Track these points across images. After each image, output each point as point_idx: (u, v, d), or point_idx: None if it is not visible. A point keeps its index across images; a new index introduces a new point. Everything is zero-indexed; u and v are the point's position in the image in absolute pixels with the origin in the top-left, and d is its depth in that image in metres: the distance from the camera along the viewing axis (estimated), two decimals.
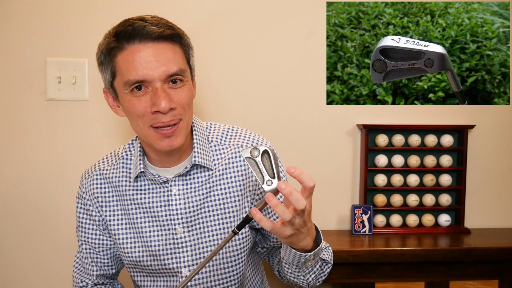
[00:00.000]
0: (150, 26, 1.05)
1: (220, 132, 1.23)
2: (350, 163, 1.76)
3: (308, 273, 1.12)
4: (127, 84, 1.06)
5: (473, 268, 1.62)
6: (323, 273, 1.19)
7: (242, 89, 1.70)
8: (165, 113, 1.06)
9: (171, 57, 1.07)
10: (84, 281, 1.28)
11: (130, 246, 1.21)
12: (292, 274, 1.12)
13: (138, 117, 1.08)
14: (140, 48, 1.05)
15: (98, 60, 1.12)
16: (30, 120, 1.66)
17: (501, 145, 1.80)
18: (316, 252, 1.05)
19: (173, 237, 1.19)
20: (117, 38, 1.07)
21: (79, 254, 1.29)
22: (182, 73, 1.09)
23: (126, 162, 1.23)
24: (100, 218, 1.24)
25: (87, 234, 1.26)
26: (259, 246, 1.28)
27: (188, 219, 1.18)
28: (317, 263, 1.12)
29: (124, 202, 1.22)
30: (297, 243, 1.00)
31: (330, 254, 1.20)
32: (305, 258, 1.05)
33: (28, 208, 1.69)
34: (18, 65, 1.65)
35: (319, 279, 1.18)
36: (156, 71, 1.05)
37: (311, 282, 1.14)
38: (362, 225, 1.70)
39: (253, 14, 1.68)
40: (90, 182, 1.24)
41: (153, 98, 1.06)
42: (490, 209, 1.82)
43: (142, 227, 1.20)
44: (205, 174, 1.19)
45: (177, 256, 1.19)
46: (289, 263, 1.09)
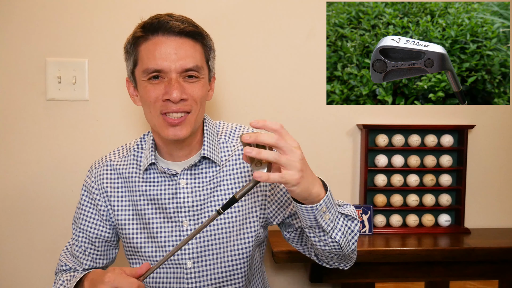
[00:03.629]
0: (175, 21, 1.12)
1: (229, 130, 1.28)
2: (350, 163, 1.76)
3: (333, 230, 1.04)
4: (145, 71, 1.13)
5: (473, 268, 1.62)
6: (352, 231, 1.10)
7: (242, 89, 1.71)
8: (175, 102, 1.12)
9: (190, 53, 1.13)
10: (68, 265, 1.29)
11: (136, 236, 1.24)
12: (320, 241, 1.06)
13: (150, 104, 1.14)
14: (162, 40, 1.12)
15: (125, 48, 1.19)
16: (30, 120, 1.66)
17: (501, 145, 1.80)
18: (326, 200, 1.00)
19: (179, 229, 1.21)
20: (144, 29, 1.14)
21: (71, 241, 1.30)
22: (198, 69, 1.14)
23: (136, 155, 1.27)
24: (106, 208, 1.26)
25: (87, 223, 1.28)
26: (286, 233, 1.24)
27: (195, 212, 1.21)
28: (338, 218, 1.05)
29: (132, 193, 1.25)
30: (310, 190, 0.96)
31: (352, 210, 1.14)
32: (318, 209, 0.99)
33: (28, 207, 1.69)
34: (18, 65, 1.65)
35: (350, 239, 1.09)
36: (173, 63, 1.11)
37: (341, 241, 1.06)
38: (362, 225, 1.70)
39: (253, 14, 1.68)
40: (100, 172, 1.28)
41: (166, 87, 1.12)
42: (490, 209, 1.82)
43: (149, 218, 1.23)
44: (213, 169, 1.22)
45: (182, 248, 1.21)
46: (311, 229, 1.04)
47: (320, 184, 1.00)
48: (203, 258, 1.21)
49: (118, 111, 1.68)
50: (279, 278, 1.77)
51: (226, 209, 0.97)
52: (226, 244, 1.21)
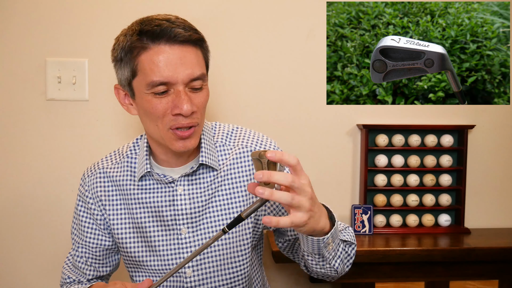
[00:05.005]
0: (177, 29, 1.05)
1: (225, 132, 1.24)
2: (350, 163, 1.76)
3: (333, 259, 1.06)
4: (150, 85, 1.06)
5: (473, 268, 1.62)
6: (349, 256, 1.13)
7: (242, 89, 1.70)
8: (187, 116, 1.07)
9: (195, 61, 1.07)
10: (71, 277, 1.27)
11: (133, 245, 1.21)
12: (317, 265, 1.07)
13: (158, 118, 1.08)
14: (165, 49, 1.05)
15: (116, 55, 1.11)
16: (30, 120, 1.66)
17: (501, 145, 1.80)
18: (333, 233, 1.00)
19: (177, 237, 1.18)
20: (142, 37, 1.06)
21: (72, 252, 1.28)
22: (204, 77, 1.09)
23: (130, 161, 1.23)
24: (102, 217, 1.23)
25: (84, 233, 1.25)
26: (279, 242, 1.26)
27: (193, 219, 1.18)
28: (339, 246, 1.07)
29: (128, 201, 1.21)
30: (316, 227, 0.95)
31: (351, 234, 1.15)
32: (324, 242, 1.00)
33: (28, 208, 1.69)
34: (18, 65, 1.65)
35: (346, 264, 1.13)
36: (180, 74, 1.05)
37: (339, 268, 1.09)
38: (362, 225, 1.70)
39: (253, 14, 1.68)
40: (93, 180, 1.24)
41: (175, 100, 1.06)
42: (490, 209, 1.82)
43: (146, 226, 1.20)
44: (211, 174, 1.19)
45: (181, 256, 1.18)
46: (311, 254, 1.05)
47: (326, 216, 0.98)
48: (203, 266, 1.19)
49: (118, 111, 1.68)
50: (279, 278, 1.77)
51: (231, 228, 0.93)
52: (225, 251, 1.20)
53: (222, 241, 1.19)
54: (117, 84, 1.16)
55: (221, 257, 1.19)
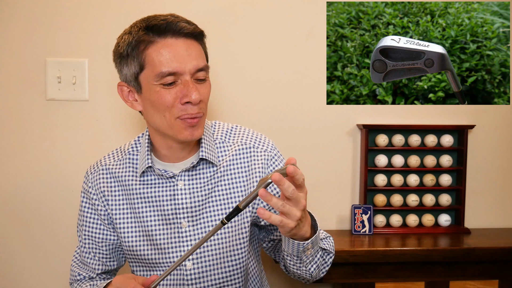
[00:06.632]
0: (182, 23, 1.11)
1: (224, 130, 1.28)
2: (350, 163, 1.76)
3: (309, 263, 1.13)
4: (159, 75, 1.10)
5: (473, 268, 1.62)
6: (326, 263, 1.21)
7: (242, 89, 1.70)
8: (195, 104, 1.11)
9: (198, 53, 1.14)
10: (82, 274, 1.30)
11: (135, 239, 1.24)
12: (295, 265, 1.14)
13: (166, 109, 1.12)
14: (172, 42, 1.11)
15: (122, 52, 1.15)
16: (30, 120, 1.66)
17: (501, 145, 1.80)
18: (314, 240, 1.07)
19: (178, 231, 1.21)
20: (148, 32, 1.11)
21: (79, 249, 1.31)
22: (207, 68, 1.16)
23: (132, 158, 1.27)
24: (106, 212, 1.26)
25: (90, 228, 1.28)
26: (264, 241, 1.31)
27: (193, 213, 1.21)
28: (317, 252, 1.14)
29: (130, 196, 1.24)
30: (297, 233, 1.02)
31: (331, 244, 1.23)
32: (303, 246, 1.06)
33: (28, 207, 1.69)
34: (18, 65, 1.65)
35: (322, 270, 1.20)
36: (187, 65, 1.11)
37: (314, 273, 1.15)
38: (362, 225, 1.70)
39: (253, 14, 1.68)
40: (96, 177, 1.27)
41: (183, 90, 1.11)
42: (490, 209, 1.82)
43: (148, 220, 1.23)
44: (211, 170, 1.22)
45: (181, 250, 1.21)
46: (290, 255, 1.11)
47: (309, 224, 1.05)
48: (203, 259, 1.21)
49: (118, 111, 1.68)
50: (279, 278, 1.77)
51: (230, 219, 0.97)
52: (224, 244, 1.22)
53: (221, 234, 1.22)
54: (120, 81, 1.19)
55: (221, 250, 1.22)
